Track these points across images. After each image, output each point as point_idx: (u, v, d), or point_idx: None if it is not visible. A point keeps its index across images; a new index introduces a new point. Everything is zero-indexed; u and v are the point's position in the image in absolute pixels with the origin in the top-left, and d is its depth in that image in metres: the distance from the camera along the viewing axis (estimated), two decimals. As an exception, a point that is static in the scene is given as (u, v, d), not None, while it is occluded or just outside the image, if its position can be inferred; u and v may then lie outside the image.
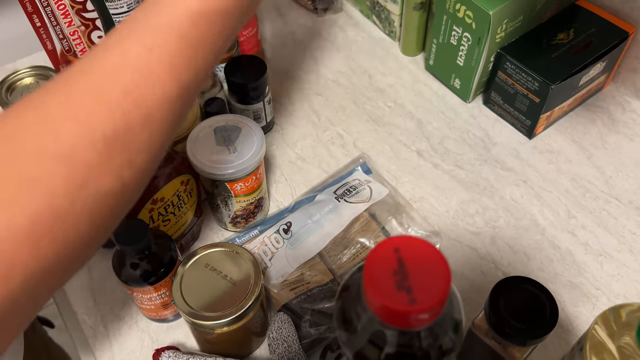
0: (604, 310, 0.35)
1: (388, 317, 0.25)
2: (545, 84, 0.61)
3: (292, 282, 0.55)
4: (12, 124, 0.28)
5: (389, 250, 0.26)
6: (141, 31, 0.30)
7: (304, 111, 0.72)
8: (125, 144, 0.28)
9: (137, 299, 0.50)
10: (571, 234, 0.60)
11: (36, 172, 0.26)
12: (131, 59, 0.29)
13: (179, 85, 0.30)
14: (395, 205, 0.60)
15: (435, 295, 0.25)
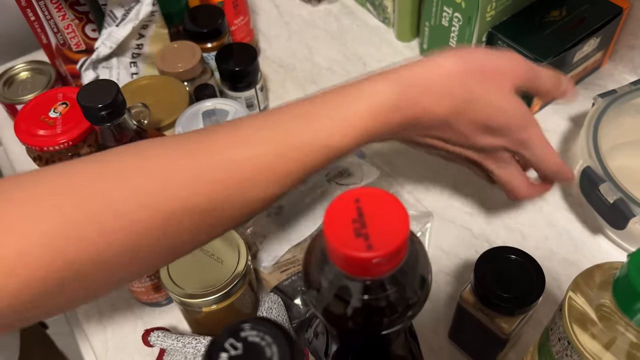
0: (575, 277, 0.34)
1: (348, 266, 0.25)
2: (537, 61, 0.60)
3: (283, 264, 0.54)
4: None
5: (349, 201, 0.26)
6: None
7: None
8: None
9: (127, 281, 0.50)
10: (568, 211, 0.59)
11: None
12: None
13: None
14: (387, 187, 0.60)
15: (392, 241, 0.24)
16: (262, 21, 0.82)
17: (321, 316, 0.28)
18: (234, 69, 0.62)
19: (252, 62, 0.62)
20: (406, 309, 0.27)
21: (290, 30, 0.81)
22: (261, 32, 0.81)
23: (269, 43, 0.79)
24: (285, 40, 0.79)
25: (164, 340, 0.47)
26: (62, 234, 0.28)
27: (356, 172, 0.60)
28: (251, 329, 0.22)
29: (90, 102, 0.44)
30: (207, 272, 0.46)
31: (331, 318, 0.28)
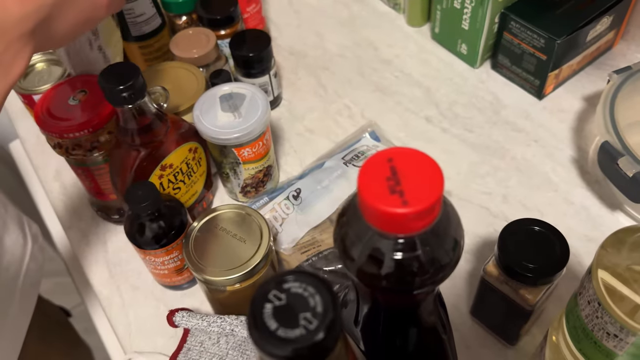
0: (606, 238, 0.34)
1: (383, 222, 0.25)
2: (550, 39, 0.60)
3: (303, 246, 0.55)
4: None
5: (382, 160, 0.26)
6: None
7: (311, 85, 0.72)
8: None
9: (150, 263, 0.51)
10: (585, 189, 0.59)
11: None
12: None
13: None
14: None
15: (428, 197, 0.24)
16: (272, 10, 0.82)
17: (355, 276, 0.29)
18: (248, 55, 0.62)
19: (266, 48, 0.63)
20: (438, 270, 0.27)
21: (300, 18, 0.81)
22: (271, 20, 0.81)
23: (279, 31, 0.79)
24: (295, 27, 0.80)
25: (189, 320, 0.47)
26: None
27: (371, 154, 0.60)
28: (294, 280, 0.22)
29: (112, 84, 0.44)
30: (230, 252, 0.47)
31: (365, 278, 0.28)
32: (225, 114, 0.54)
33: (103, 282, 0.56)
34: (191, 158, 0.54)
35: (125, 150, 0.49)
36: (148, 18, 0.63)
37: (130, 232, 0.49)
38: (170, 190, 0.53)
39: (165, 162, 0.51)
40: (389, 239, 0.26)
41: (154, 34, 0.64)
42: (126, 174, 0.49)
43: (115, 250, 0.59)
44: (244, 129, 0.52)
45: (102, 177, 0.54)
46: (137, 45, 0.64)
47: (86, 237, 0.60)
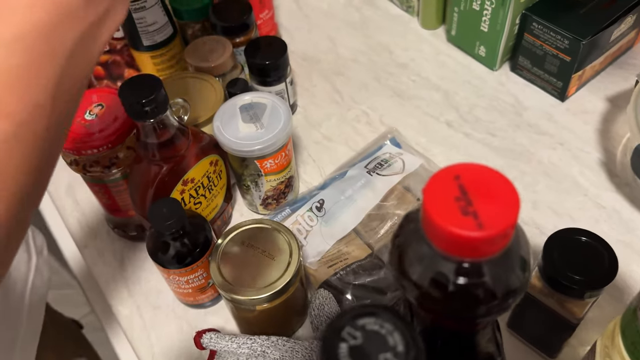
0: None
1: (453, 246, 0.23)
2: (575, 40, 0.59)
3: (329, 259, 0.53)
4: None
5: (449, 178, 0.24)
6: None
7: (326, 92, 0.70)
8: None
9: (173, 282, 0.49)
10: (615, 192, 0.57)
11: None
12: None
13: (11, 122, 0.24)
14: (429, 176, 0.58)
15: (505, 219, 0.23)
16: (281, 15, 0.81)
17: (414, 301, 0.27)
18: (264, 63, 0.60)
19: (282, 55, 0.61)
20: (507, 295, 0.26)
21: (310, 22, 0.79)
22: (282, 26, 0.79)
23: (291, 37, 0.77)
24: (307, 33, 0.78)
25: (217, 341, 0.45)
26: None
27: (395, 162, 0.58)
28: (369, 316, 0.21)
29: (133, 98, 0.42)
30: (259, 270, 0.45)
31: (426, 303, 0.27)
32: (247, 125, 0.52)
33: (122, 301, 0.54)
34: (212, 171, 0.52)
35: (146, 165, 0.47)
36: (160, 27, 0.61)
37: (154, 252, 0.47)
38: (192, 206, 0.51)
39: (186, 176, 0.49)
40: (456, 263, 0.25)
41: (165, 43, 0.62)
42: (147, 190, 0.47)
43: (134, 268, 0.57)
44: (266, 140, 0.50)
45: (121, 194, 0.52)
46: (149, 54, 0.62)
47: (102, 256, 0.58)
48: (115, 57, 0.67)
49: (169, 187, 0.48)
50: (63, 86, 0.26)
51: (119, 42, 0.66)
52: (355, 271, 0.52)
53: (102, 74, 0.68)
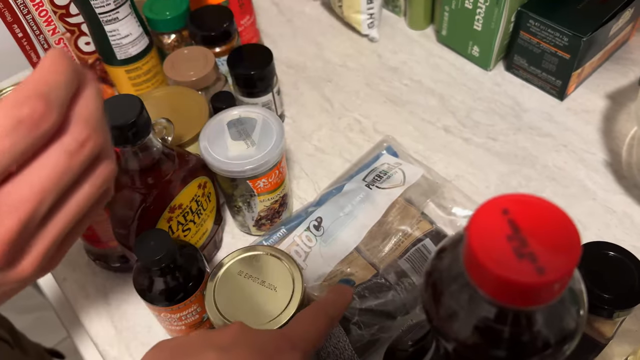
0: None
1: (507, 294, 0.20)
2: (575, 37, 0.56)
3: (332, 283, 0.49)
4: None
5: (496, 213, 0.21)
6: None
7: (315, 100, 0.67)
8: None
9: (165, 320, 0.45)
10: (625, 195, 0.55)
11: None
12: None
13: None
14: (430, 186, 0.55)
15: (567, 260, 0.19)
16: (262, 21, 0.77)
17: (453, 350, 0.23)
18: (249, 73, 0.56)
19: (269, 64, 0.57)
20: (564, 340, 0.22)
21: (294, 27, 0.75)
22: (264, 32, 0.75)
23: (273, 43, 0.74)
24: (290, 38, 0.74)
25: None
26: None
27: (395, 174, 0.55)
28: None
29: (111, 121, 0.38)
30: (260, 302, 0.41)
31: (468, 354, 0.23)
32: (236, 143, 0.48)
33: (109, 340, 0.50)
34: (201, 194, 0.48)
35: (128, 194, 0.43)
36: (134, 39, 0.56)
37: (141, 289, 0.42)
38: (180, 233, 0.47)
39: (173, 203, 0.45)
40: (507, 311, 0.21)
41: (141, 55, 0.58)
42: (130, 221, 0.43)
43: (119, 302, 0.52)
44: (259, 158, 0.47)
45: (101, 224, 0.48)
46: (124, 69, 0.58)
47: (84, 290, 0.53)
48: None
49: (155, 215, 0.44)
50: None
51: (90, 56, 0.61)
52: (361, 294, 0.48)
53: (73, 92, 0.63)
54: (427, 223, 0.52)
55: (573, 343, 0.23)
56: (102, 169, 0.26)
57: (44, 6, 0.56)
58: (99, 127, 0.26)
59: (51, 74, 0.24)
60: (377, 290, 0.48)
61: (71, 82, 0.25)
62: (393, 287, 0.48)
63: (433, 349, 0.28)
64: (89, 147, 0.25)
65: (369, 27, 0.70)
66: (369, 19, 0.69)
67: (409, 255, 0.49)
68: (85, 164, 0.25)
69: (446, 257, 0.24)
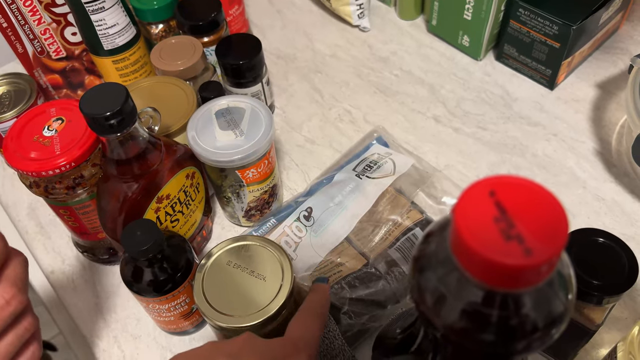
0: None
1: (494, 276, 0.20)
2: (565, 25, 0.56)
3: (322, 273, 0.49)
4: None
5: (483, 195, 0.21)
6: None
7: (305, 91, 0.66)
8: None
9: (153, 311, 0.44)
10: (614, 183, 0.55)
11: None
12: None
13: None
14: (420, 176, 0.55)
15: (554, 241, 0.19)
16: (251, 11, 0.76)
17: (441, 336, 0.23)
18: (238, 63, 0.56)
19: (257, 54, 0.56)
20: (552, 324, 0.22)
21: (283, 18, 0.75)
22: (252, 22, 0.75)
23: (263, 34, 0.73)
24: (280, 29, 0.74)
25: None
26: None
27: (385, 164, 0.55)
28: None
29: (96, 110, 0.37)
30: (248, 292, 0.41)
31: (456, 338, 0.23)
32: (225, 133, 0.47)
33: (98, 333, 0.49)
34: (189, 185, 0.48)
35: (115, 184, 0.42)
36: (121, 29, 0.56)
37: (129, 280, 0.42)
38: (168, 224, 0.47)
39: (161, 193, 0.44)
40: (494, 294, 0.21)
41: (128, 46, 0.57)
42: (117, 212, 0.43)
43: (108, 294, 0.52)
44: (248, 148, 0.46)
45: (89, 215, 0.47)
46: (111, 59, 0.57)
47: (72, 282, 0.53)
48: (74, 63, 0.62)
49: (142, 206, 0.43)
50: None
51: (76, 47, 0.61)
52: (351, 284, 0.48)
53: (60, 83, 0.63)
54: (417, 212, 0.52)
55: (561, 327, 0.22)
56: (26, 323, 0.32)
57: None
58: (24, 288, 0.31)
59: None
60: (368, 279, 0.48)
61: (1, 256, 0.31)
62: (383, 276, 0.48)
63: (421, 335, 0.28)
64: (14, 304, 0.30)
65: (360, 18, 0.70)
66: (359, 10, 0.69)
67: (399, 244, 0.49)
68: (10, 318, 0.30)
69: (433, 242, 0.23)
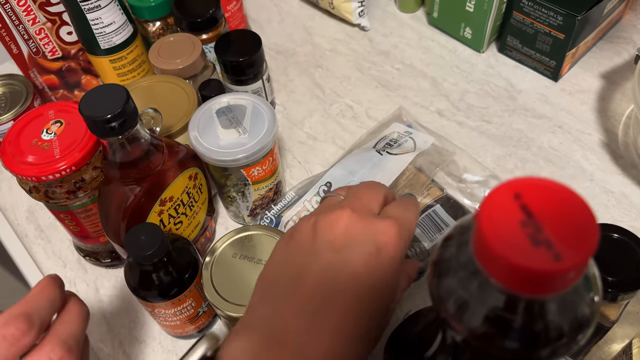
0: None
1: (521, 281, 0.19)
2: (570, 16, 0.55)
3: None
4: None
5: (508, 198, 0.20)
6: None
7: (306, 86, 0.65)
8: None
9: (159, 315, 0.43)
10: (622, 175, 0.54)
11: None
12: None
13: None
14: (440, 154, 0.54)
15: (585, 245, 0.19)
16: (249, 6, 0.75)
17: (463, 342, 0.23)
18: (238, 60, 0.55)
19: (257, 50, 0.55)
20: (578, 329, 0.21)
21: (282, 12, 0.74)
22: (250, 17, 0.73)
23: (261, 29, 0.72)
24: (278, 23, 0.72)
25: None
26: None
27: (406, 142, 0.53)
28: None
29: (96, 113, 0.36)
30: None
31: (478, 344, 0.22)
32: (227, 131, 0.46)
33: (102, 337, 0.49)
34: (192, 186, 0.47)
35: (117, 187, 0.41)
36: (118, 27, 0.54)
37: (134, 285, 0.41)
38: (172, 227, 0.46)
39: (164, 195, 0.44)
40: (520, 300, 0.20)
41: (125, 44, 0.56)
42: (120, 215, 0.42)
43: (111, 298, 0.51)
44: (252, 146, 0.45)
45: (90, 219, 0.46)
46: (108, 59, 0.56)
47: (74, 287, 0.52)
48: (70, 63, 0.60)
49: (145, 209, 0.43)
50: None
51: (72, 46, 0.59)
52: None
53: (56, 83, 0.61)
54: (437, 189, 0.51)
55: (588, 332, 0.22)
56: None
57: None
58: (74, 347, 0.30)
59: (37, 298, 0.30)
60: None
61: (54, 305, 0.31)
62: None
63: (440, 339, 0.27)
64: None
65: (360, 16, 0.68)
66: (360, 7, 0.68)
67: (420, 220, 0.49)
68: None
69: (453, 246, 0.23)
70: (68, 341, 0.30)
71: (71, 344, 0.30)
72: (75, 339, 0.31)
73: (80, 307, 0.33)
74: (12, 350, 0.28)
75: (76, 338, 0.31)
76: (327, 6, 0.70)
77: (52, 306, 0.31)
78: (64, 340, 0.30)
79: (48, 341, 0.30)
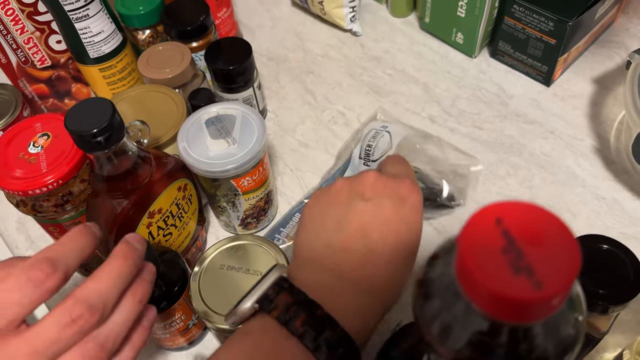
0: None
1: (503, 309, 0.19)
2: (561, 22, 0.55)
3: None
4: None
5: (489, 223, 0.20)
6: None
7: (297, 93, 0.65)
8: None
9: (148, 329, 0.43)
10: (614, 181, 0.54)
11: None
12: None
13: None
14: (419, 138, 0.55)
15: (567, 271, 0.18)
16: (240, 12, 0.74)
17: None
18: (228, 68, 0.54)
19: (248, 57, 0.55)
20: (563, 351, 0.21)
21: (273, 18, 0.73)
22: (242, 23, 0.73)
23: (252, 35, 0.72)
24: (270, 29, 0.72)
25: None
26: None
27: (382, 138, 0.54)
28: None
29: (82, 127, 0.36)
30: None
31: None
32: (217, 142, 0.46)
33: (92, 350, 0.48)
34: (181, 197, 0.46)
35: (104, 200, 0.41)
36: (107, 36, 0.54)
37: (123, 298, 0.41)
38: (161, 238, 0.46)
39: (152, 208, 0.43)
40: (503, 326, 0.20)
41: (114, 53, 0.56)
42: (108, 228, 0.41)
43: (102, 310, 0.50)
44: (242, 156, 0.45)
45: (79, 232, 0.46)
46: (97, 67, 0.56)
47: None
48: (60, 72, 0.60)
49: (133, 222, 0.42)
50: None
51: (61, 55, 0.59)
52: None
53: (46, 92, 0.61)
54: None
55: (574, 352, 0.22)
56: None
57: (10, 4, 0.53)
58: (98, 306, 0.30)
59: (64, 245, 0.31)
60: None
61: (82, 253, 0.32)
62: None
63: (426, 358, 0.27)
64: (79, 323, 0.29)
65: (352, 21, 0.68)
66: (351, 12, 0.67)
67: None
68: (75, 337, 0.29)
69: (438, 266, 0.23)
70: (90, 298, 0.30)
71: (95, 302, 0.30)
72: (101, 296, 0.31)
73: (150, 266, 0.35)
74: (37, 292, 0.28)
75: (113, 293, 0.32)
76: (319, 11, 0.69)
77: (79, 254, 0.32)
78: (86, 297, 0.30)
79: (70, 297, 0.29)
